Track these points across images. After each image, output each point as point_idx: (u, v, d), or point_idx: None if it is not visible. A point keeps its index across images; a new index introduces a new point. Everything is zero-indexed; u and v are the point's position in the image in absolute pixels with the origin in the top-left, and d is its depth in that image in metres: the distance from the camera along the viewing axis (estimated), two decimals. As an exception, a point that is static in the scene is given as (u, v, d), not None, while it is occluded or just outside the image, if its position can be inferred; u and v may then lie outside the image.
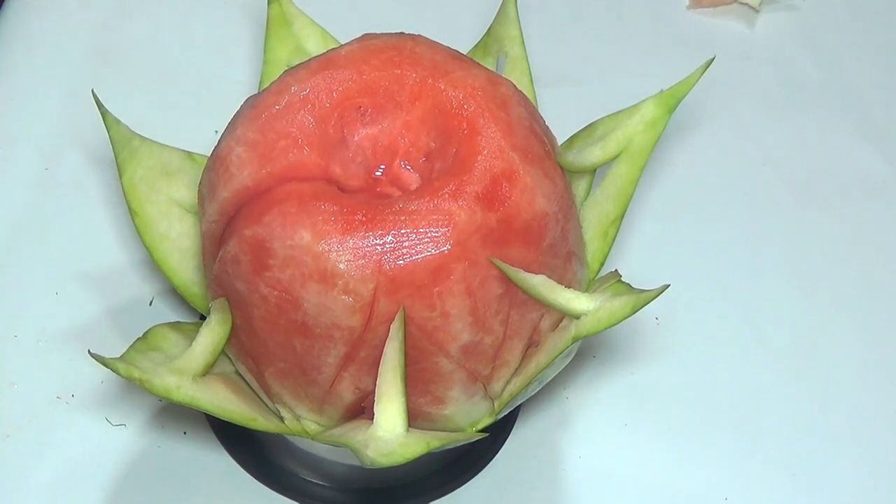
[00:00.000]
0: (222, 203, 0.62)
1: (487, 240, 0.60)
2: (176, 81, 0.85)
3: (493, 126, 0.62)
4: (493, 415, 0.64)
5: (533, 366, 0.63)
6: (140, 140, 0.69)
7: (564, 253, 0.63)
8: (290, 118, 0.63)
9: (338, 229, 0.59)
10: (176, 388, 0.61)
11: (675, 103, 0.65)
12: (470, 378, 0.62)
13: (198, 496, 0.70)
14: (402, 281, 0.59)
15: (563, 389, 0.75)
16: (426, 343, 0.60)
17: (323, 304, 0.59)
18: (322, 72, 0.64)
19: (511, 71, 0.72)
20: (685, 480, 0.73)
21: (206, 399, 0.62)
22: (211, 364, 0.63)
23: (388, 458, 0.58)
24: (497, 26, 0.72)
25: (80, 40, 0.87)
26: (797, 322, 0.80)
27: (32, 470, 0.70)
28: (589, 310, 0.61)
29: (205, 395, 0.62)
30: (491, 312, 0.61)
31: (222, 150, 0.63)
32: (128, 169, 0.68)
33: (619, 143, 0.65)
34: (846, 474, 0.74)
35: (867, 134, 0.89)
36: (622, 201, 0.66)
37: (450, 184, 0.60)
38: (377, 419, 0.59)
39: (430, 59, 0.64)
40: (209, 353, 0.63)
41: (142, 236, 0.68)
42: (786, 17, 0.95)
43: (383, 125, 0.64)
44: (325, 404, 0.63)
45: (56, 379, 0.73)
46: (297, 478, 0.71)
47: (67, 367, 0.73)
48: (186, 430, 0.72)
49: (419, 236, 0.59)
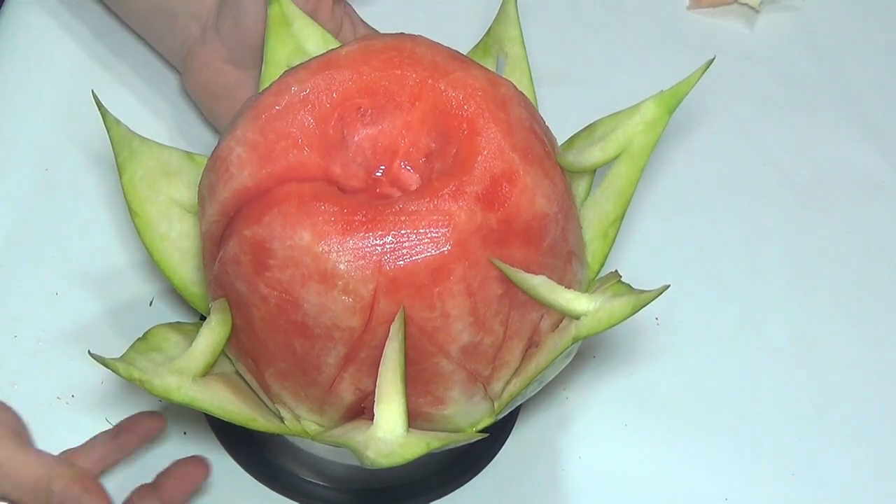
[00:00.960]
0: (222, 203, 0.62)
1: (488, 240, 0.60)
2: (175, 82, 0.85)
3: (494, 126, 0.62)
4: (493, 415, 0.64)
5: (533, 366, 0.63)
6: (140, 140, 0.69)
7: (565, 253, 0.63)
8: (291, 119, 0.62)
9: (338, 230, 0.59)
10: (176, 389, 0.61)
11: (676, 104, 0.65)
12: (470, 378, 0.62)
13: (198, 496, 0.70)
14: (402, 281, 0.59)
15: (563, 389, 0.75)
16: (426, 343, 0.60)
17: (323, 304, 0.59)
18: (322, 72, 0.64)
19: (511, 71, 0.71)
20: (685, 480, 0.73)
21: (207, 399, 0.62)
22: (211, 364, 0.63)
23: (389, 458, 0.58)
24: (497, 26, 0.72)
25: (80, 40, 0.87)
26: (797, 322, 0.80)
27: (32, 470, 0.70)
28: (589, 310, 0.61)
29: (205, 396, 0.62)
30: (491, 313, 0.61)
31: (222, 150, 0.63)
32: (128, 169, 0.68)
33: (619, 144, 0.65)
34: (846, 474, 0.74)
35: (867, 134, 0.89)
36: (622, 202, 0.66)
37: (450, 184, 0.60)
38: (377, 420, 0.59)
39: (430, 59, 0.64)
40: (209, 353, 0.63)
41: (142, 236, 0.68)
42: (786, 17, 0.95)
43: (383, 126, 0.64)
44: (325, 405, 0.63)
45: (56, 379, 0.73)
46: (297, 478, 0.71)
47: (67, 368, 0.73)
48: (186, 430, 0.72)
49: (419, 237, 0.59)
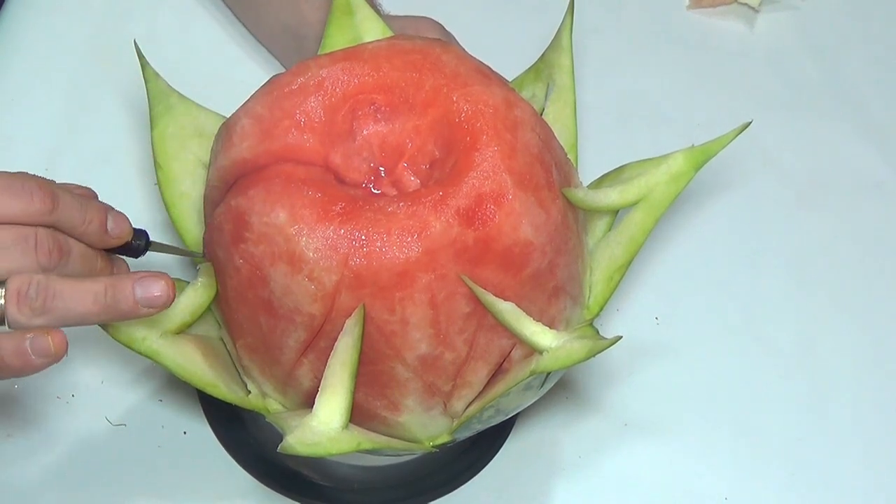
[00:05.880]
0: (220, 170, 0.63)
1: (461, 256, 0.59)
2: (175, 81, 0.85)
3: (494, 145, 0.61)
4: (451, 433, 0.64)
5: (492, 392, 0.62)
6: (178, 97, 0.70)
7: (550, 287, 0.62)
8: (300, 100, 0.63)
9: (313, 216, 0.59)
10: (140, 340, 0.62)
11: (704, 161, 0.64)
12: (427, 390, 0.62)
13: (198, 496, 0.70)
14: (365, 279, 0.59)
15: (562, 390, 0.75)
16: (383, 346, 0.60)
17: (287, 286, 0.60)
18: (342, 62, 0.64)
19: (556, 99, 0.71)
20: (685, 480, 0.73)
21: (169, 356, 0.63)
22: (188, 324, 0.63)
23: (310, 448, 0.59)
24: (550, 53, 0.72)
25: (80, 40, 0.87)
26: (797, 322, 0.80)
27: (33, 469, 0.70)
28: (551, 346, 0.61)
29: (168, 352, 0.63)
30: (454, 329, 0.60)
31: (231, 119, 0.64)
32: (159, 123, 0.69)
33: (639, 191, 0.64)
34: (846, 474, 0.74)
35: (867, 134, 0.89)
36: (632, 249, 0.65)
37: (434, 193, 0.60)
38: (316, 409, 0.60)
39: (453, 69, 0.64)
40: (187, 313, 0.63)
41: (162, 191, 0.68)
42: (786, 17, 0.95)
43: (394, 125, 0.64)
44: (287, 386, 0.63)
45: (56, 379, 0.73)
46: (297, 477, 0.71)
47: (67, 368, 0.73)
48: (186, 430, 0.72)
49: (390, 238, 0.59)
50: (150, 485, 0.70)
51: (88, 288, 0.57)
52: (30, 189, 0.58)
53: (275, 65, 0.85)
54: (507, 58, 0.71)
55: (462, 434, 0.64)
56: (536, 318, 0.61)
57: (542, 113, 0.70)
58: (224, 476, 0.71)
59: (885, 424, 0.76)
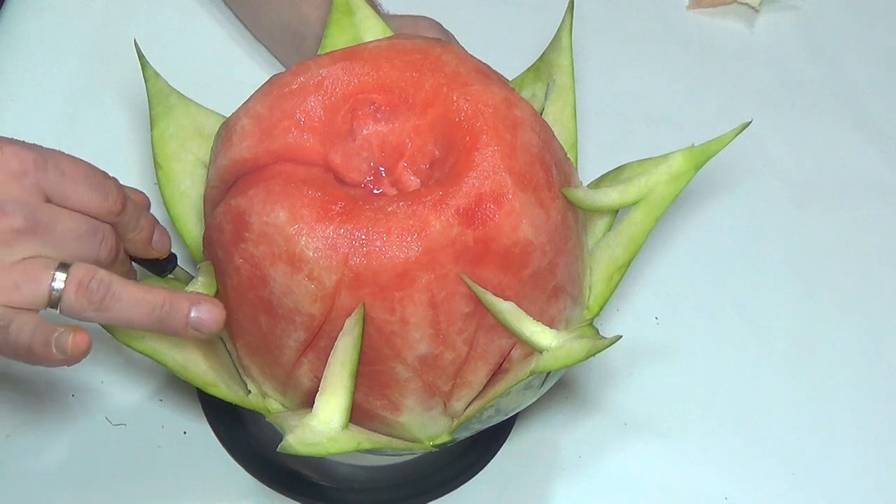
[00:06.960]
0: (220, 170, 0.63)
1: (461, 256, 0.59)
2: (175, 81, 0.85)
3: (494, 145, 0.61)
4: (451, 433, 0.64)
5: (492, 392, 0.62)
6: (178, 97, 0.70)
7: (550, 287, 0.62)
8: (300, 101, 0.63)
9: (313, 216, 0.59)
10: (139, 338, 0.62)
11: (704, 160, 0.64)
12: (427, 390, 0.62)
13: (198, 496, 0.70)
14: (365, 279, 0.59)
15: (562, 390, 0.75)
16: (383, 346, 0.60)
17: (288, 286, 0.60)
18: (343, 61, 0.64)
19: (556, 99, 0.71)
20: (685, 480, 0.73)
21: (168, 354, 0.63)
22: None
23: (310, 448, 0.59)
24: (549, 53, 0.72)
25: (80, 40, 0.87)
26: (797, 322, 0.80)
27: (33, 469, 0.70)
28: (551, 346, 0.61)
29: (168, 351, 0.63)
30: (454, 329, 0.60)
31: (231, 118, 0.64)
32: (160, 123, 0.69)
33: (639, 190, 0.64)
34: (846, 474, 0.74)
35: (867, 134, 0.89)
36: (632, 248, 0.65)
37: (434, 193, 0.60)
38: (316, 409, 0.60)
39: (453, 68, 0.64)
40: None
41: (162, 191, 0.69)
42: (786, 17, 0.95)
43: (394, 125, 0.64)
44: (287, 387, 0.63)
45: (56, 379, 0.73)
46: (297, 477, 0.71)
47: (67, 367, 0.73)
48: (186, 430, 0.72)
49: (389, 238, 0.59)
50: (150, 484, 0.70)
51: (146, 299, 0.59)
52: (108, 186, 0.60)
53: (275, 65, 0.85)
54: (507, 58, 0.71)
55: (462, 434, 0.64)
56: (536, 318, 0.61)
57: (542, 113, 0.70)
58: (224, 476, 0.71)
59: (885, 424, 0.77)
